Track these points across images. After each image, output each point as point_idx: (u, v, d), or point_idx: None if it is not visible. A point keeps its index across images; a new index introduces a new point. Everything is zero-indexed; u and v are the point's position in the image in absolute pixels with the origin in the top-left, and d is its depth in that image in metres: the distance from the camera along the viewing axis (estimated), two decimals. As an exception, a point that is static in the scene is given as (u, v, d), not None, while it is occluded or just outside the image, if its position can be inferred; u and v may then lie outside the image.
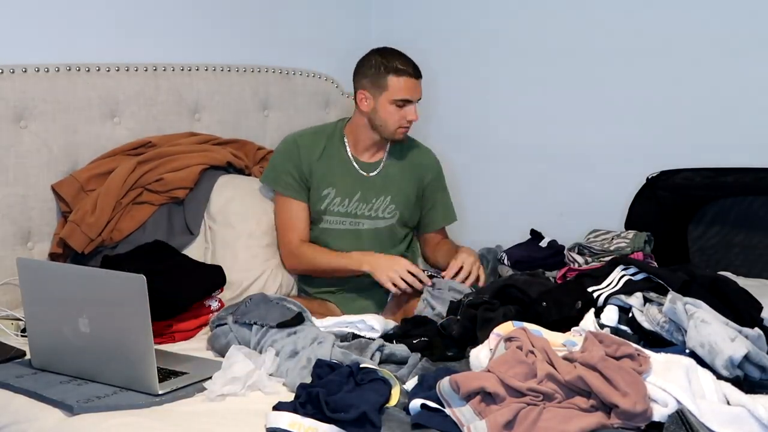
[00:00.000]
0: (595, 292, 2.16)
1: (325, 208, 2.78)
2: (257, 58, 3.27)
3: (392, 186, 2.82)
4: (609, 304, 2.11)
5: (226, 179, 2.88)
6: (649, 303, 2.08)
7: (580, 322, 2.09)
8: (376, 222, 2.82)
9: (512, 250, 2.92)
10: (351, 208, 2.79)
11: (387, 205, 2.82)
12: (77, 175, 2.69)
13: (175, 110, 2.99)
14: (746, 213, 2.99)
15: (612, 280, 2.18)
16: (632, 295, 2.11)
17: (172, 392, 1.93)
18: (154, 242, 2.62)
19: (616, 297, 2.12)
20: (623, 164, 3.18)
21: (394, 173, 2.83)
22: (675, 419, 1.62)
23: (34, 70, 2.65)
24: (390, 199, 2.82)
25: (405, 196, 2.85)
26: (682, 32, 3.06)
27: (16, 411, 1.91)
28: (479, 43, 3.49)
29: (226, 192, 2.84)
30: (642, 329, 2.02)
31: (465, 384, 1.68)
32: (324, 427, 1.68)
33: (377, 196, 2.81)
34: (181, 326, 2.41)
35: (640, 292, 2.11)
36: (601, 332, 1.93)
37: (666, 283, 2.10)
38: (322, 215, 2.79)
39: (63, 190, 2.66)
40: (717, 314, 1.93)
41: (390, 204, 2.82)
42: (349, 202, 2.79)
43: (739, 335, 1.85)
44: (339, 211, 2.79)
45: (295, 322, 2.21)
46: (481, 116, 3.52)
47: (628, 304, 2.09)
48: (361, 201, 2.80)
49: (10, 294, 2.54)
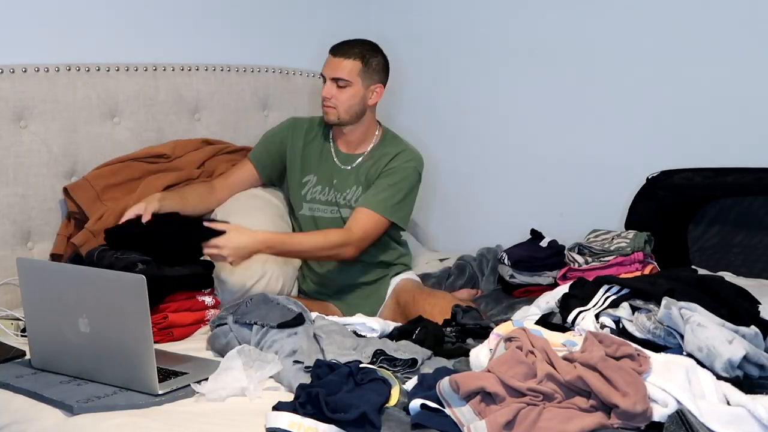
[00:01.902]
0: (581, 314, 2.15)
1: (305, 194, 2.84)
2: (257, 58, 3.27)
3: (361, 178, 2.83)
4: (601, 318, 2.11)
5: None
6: (638, 311, 2.07)
7: (581, 322, 2.10)
8: (352, 211, 2.81)
9: (512, 250, 2.93)
10: (331, 196, 2.83)
11: (359, 196, 2.81)
12: (93, 182, 2.69)
13: (175, 110, 2.99)
14: (746, 213, 2.99)
15: (597, 301, 2.18)
16: (619, 307, 2.11)
17: (172, 392, 1.93)
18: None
19: (604, 313, 2.12)
20: (623, 164, 3.18)
21: (368, 168, 2.83)
22: (675, 419, 1.62)
23: (34, 70, 2.65)
24: (361, 190, 2.82)
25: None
26: (682, 32, 3.05)
27: (16, 411, 1.91)
28: (479, 42, 3.49)
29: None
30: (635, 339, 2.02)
31: (465, 384, 1.68)
32: (324, 427, 1.68)
33: (350, 186, 2.83)
34: (177, 319, 2.40)
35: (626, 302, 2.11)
36: (600, 332, 1.93)
37: (649, 295, 2.10)
38: (302, 201, 2.85)
39: (78, 196, 2.65)
40: (713, 316, 1.93)
41: (362, 194, 2.81)
42: (329, 190, 2.84)
43: (737, 336, 1.85)
44: (321, 199, 2.84)
45: (295, 322, 2.21)
46: (481, 116, 3.52)
47: (617, 317, 2.09)
48: (336, 189, 2.83)
49: (10, 294, 2.54)
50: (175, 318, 2.40)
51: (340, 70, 2.72)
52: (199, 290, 2.51)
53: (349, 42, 2.75)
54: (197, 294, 2.50)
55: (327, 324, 2.22)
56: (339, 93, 2.72)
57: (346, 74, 2.71)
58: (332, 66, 2.73)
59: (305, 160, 2.85)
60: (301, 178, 2.85)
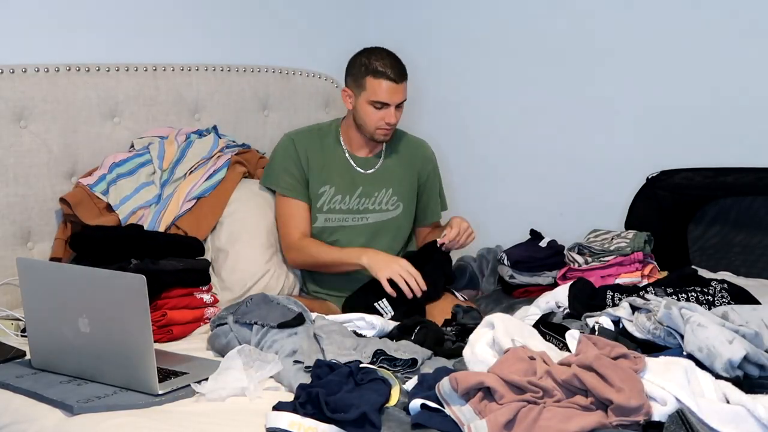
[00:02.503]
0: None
1: (321, 206, 2.79)
2: (257, 58, 3.27)
3: (393, 178, 2.83)
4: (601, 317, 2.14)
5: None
6: (637, 311, 2.08)
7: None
8: (383, 215, 2.83)
9: (512, 250, 2.92)
10: (353, 204, 2.80)
11: (390, 197, 2.83)
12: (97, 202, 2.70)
13: (175, 110, 2.99)
14: (746, 213, 2.99)
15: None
16: (619, 307, 2.12)
17: (172, 392, 1.93)
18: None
19: (603, 312, 2.14)
20: (623, 164, 3.18)
21: (392, 166, 2.84)
22: (675, 419, 1.62)
23: (34, 70, 2.65)
24: (392, 191, 2.83)
25: (406, 187, 2.86)
26: (682, 32, 3.05)
27: (16, 411, 1.91)
28: (479, 42, 3.48)
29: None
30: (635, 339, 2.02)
31: (464, 380, 1.69)
32: (324, 427, 1.68)
33: (379, 189, 2.82)
34: (175, 317, 2.41)
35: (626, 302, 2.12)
36: (594, 336, 1.94)
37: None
38: (317, 213, 2.79)
39: (80, 211, 2.64)
40: (713, 316, 1.93)
41: (393, 195, 2.83)
42: (350, 199, 2.79)
43: (737, 336, 1.85)
44: (340, 208, 2.79)
45: (295, 322, 2.21)
46: (481, 116, 3.52)
47: (617, 317, 2.10)
48: (363, 196, 2.80)
49: (10, 294, 2.54)
50: (174, 315, 2.40)
51: (404, 92, 2.71)
52: (196, 287, 2.51)
53: (396, 60, 2.69)
54: (195, 291, 2.51)
55: (327, 324, 2.23)
56: (398, 113, 2.72)
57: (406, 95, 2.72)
58: (399, 92, 2.68)
59: (320, 173, 2.79)
60: (316, 189, 2.79)
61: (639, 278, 2.61)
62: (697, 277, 2.50)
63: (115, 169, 2.73)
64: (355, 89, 2.72)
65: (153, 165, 2.79)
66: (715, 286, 2.36)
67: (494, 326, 1.94)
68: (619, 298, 2.36)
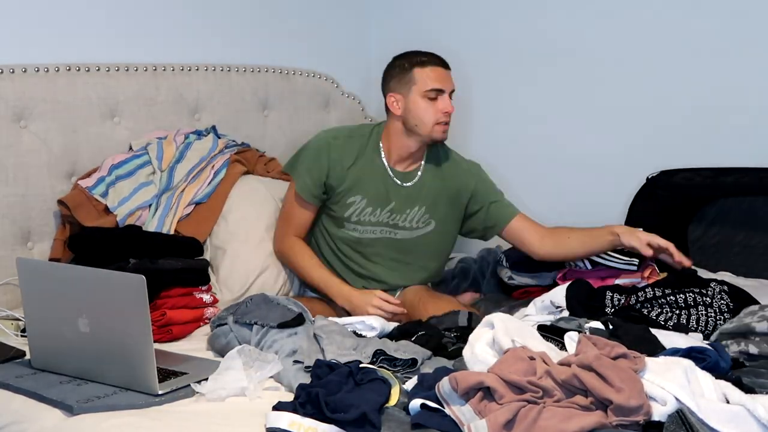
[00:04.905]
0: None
1: (349, 216, 2.71)
2: (257, 58, 3.27)
3: (427, 197, 2.74)
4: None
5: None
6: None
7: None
8: (413, 232, 2.76)
9: (511, 252, 2.91)
10: (383, 218, 2.72)
11: (422, 216, 2.75)
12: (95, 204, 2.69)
13: (175, 110, 2.99)
14: (746, 213, 2.99)
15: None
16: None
17: (171, 392, 1.93)
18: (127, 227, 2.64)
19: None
20: (623, 164, 3.18)
21: (429, 184, 2.75)
22: (675, 419, 1.62)
23: (34, 70, 2.65)
24: (425, 209, 2.74)
25: (440, 207, 2.77)
26: (682, 32, 3.05)
27: (16, 411, 1.91)
28: (478, 43, 3.48)
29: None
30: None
31: (463, 380, 1.69)
32: (324, 427, 1.68)
33: (411, 207, 2.73)
34: (175, 316, 2.40)
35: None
36: (593, 336, 1.94)
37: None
38: (344, 222, 2.72)
39: (79, 214, 2.64)
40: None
41: (425, 214, 2.75)
42: (381, 212, 2.71)
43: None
44: (370, 220, 2.71)
45: (295, 322, 2.21)
46: (481, 116, 3.52)
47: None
48: (395, 212, 2.72)
49: (10, 294, 2.54)
50: (174, 315, 2.40)
51: (453, 81, 2.65)
52: (195, 286, 2.51)
53: (435, 53, 2.68)
54: (194, 290, 2.51)
55: (327, 324, 2.23)
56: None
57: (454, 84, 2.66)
58: (449, 78, 2.61)
59: (353, 183, 2.68)
60: (346, 198, 2.69)
61: (638, 279, 2.61)
62: (696, 278, 2.50)
63: (114, 171, 2.73)
64: (402, 89, 2.64)
65: (152, 165, 2.79)
66: (714, 287, 2.37)
67: (494, 326, 1.94)
68: (618, 299, 2.36)
